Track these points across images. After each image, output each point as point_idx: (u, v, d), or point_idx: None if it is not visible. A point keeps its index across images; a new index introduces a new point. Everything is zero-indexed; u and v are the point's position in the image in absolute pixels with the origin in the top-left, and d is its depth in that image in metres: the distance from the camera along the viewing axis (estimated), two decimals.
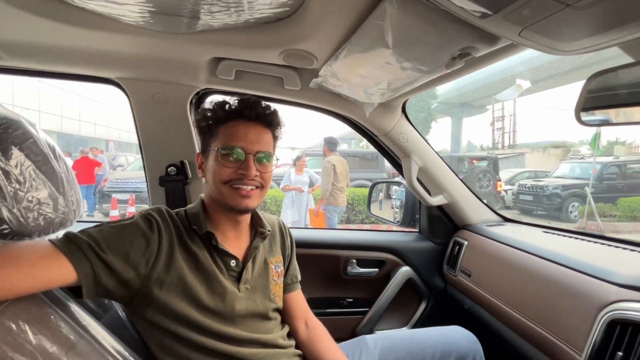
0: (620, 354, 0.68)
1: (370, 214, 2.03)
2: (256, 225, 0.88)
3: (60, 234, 0.65)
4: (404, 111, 1.36)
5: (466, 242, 1.38)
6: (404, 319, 1.56)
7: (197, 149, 1.29)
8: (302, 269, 1.01)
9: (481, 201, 1.53)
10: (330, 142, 4.62)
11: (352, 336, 1.06)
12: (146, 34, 0.91)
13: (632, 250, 0.96)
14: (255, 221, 0.88)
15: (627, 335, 0.68)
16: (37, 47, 0.98)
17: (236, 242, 0.83)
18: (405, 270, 1.50)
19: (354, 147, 19.67)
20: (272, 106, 0.83)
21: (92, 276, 0.62)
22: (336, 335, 0.95)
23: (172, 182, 1.30)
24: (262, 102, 0.81)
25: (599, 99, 0.68)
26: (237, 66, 1.11)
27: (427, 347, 0.96)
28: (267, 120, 0.81)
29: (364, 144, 17.57)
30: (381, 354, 0.94)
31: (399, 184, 1.81)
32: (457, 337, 1.01)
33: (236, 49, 1.01)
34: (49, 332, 0.55)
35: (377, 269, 1.51)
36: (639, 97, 0.65)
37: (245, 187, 0.76)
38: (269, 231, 0.88)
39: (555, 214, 8.68)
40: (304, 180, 4.95)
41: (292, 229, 1.01)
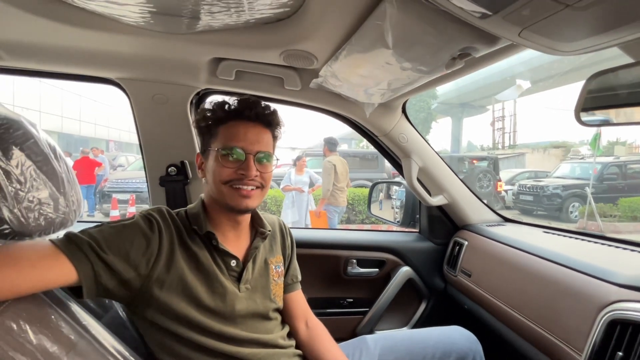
0: (620, 354, 0.68)
1: (370, 214, 2.03)
2: (256, 225, 0.88)
3: (60, 234, 0.65)
4: (404, 111, 1.36)
5: (466, 242, 1.38)
6: (404, 319, 1.56)
7: (198, 149, 1.29)
8: (303, 269, 1.01)
9: (481, 201, 1.52)
10: (330, 143, 4.62)
11: (353, 336, 1.06)
12: (146, 35, 0.91)
13: (633, 250, 0.96)
14: (255, 221, 0.88)
15: (627, 335, 0.68)
16: (38, 47, 0.98)
17: (236, 242, 0.83)
18: (405, 270, 1.50)
19: (354, 147, 19.68)
20: (272, 106, 0.83)
21: (93, 276, 0.62)
22: (336, 335, 0.95)
23: (172, 182, 1.30)
24: (262, 102, 0.81)
25: (598, 99, 0.67)
26: (237, 66, 1.11)
27: (427, 347, 0.96)
28: (266, 120, 0.81)
29: (364, 144, 17.57)
30: (381, 354, 0.94)
31: (399, 184, 1.81)
32: (457, 337, 1.01)
33: (236, 49, 1.01)
34: (49, 331, 0.55)
35: (377, 269, 1.51)
36: (639, 98, 0.65)
37: (245, 187, 0.76)
38: (270, 231, 0.88)
39: (555, 214, 8.67)
40: (304, 180, 4.95)
41: (292, 229, 1.01)
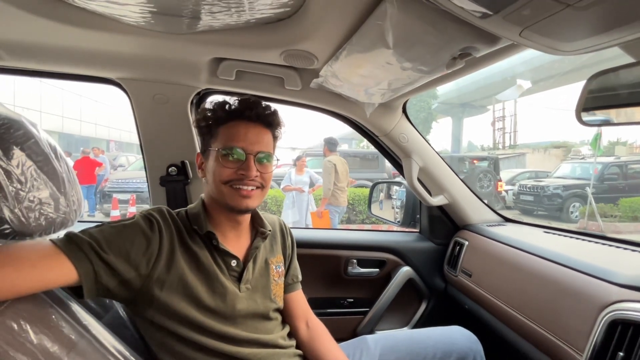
0: (621, 354, 0.67)
1: (370, 214, 2.03)
2: (257, 225, 0.88)
3: (61, 233, 0.65)
4: (404, 111, 1.36)
5: (467, 242, 1.38)
6: (405, 319, 1.56)
7: (198, 149, 1.29)
8: (303, 269, 1.01)
9: (482, 201, 1.52)
10: (330, 143, 4.63)
11: (353, 336, 1.06)
12: (147, 35, 0.91)
13: (633, 250, 0.96)
14: (256, 221, 0.88)
15: (628, 335, 0.68)
16: (38, 47, 0.98)
17: (237, 242, 0.83)
18: (405, 270, 1.50)
19: (354, 147, 19.66)
20: (272, 106, 0.83)
21: (93, 276, 0.62)
22: (337, 335, 0.95)
23: (172, 182, 1.30)
24: (262, 103, 0.81)
25: (599, 99, 0.67)
26: (237, 66, 1.11)
27: (428, 347, 0.96)
28: (267, 120, 0.81)
29: (364, 144, 17.57)
30: (382, 354, 0.94)
31: (400, 184, 1.80)
32: (458, 337, 1.00)
33: (237, 49, 1.01)
34: (50, 331, 0.55)
35: (378, 269, 1.51)
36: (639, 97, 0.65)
37: (245, 187, 0.76)
38: (270, 231, 0.88)
39: (556, 214, 8.67)
40: (304, 180, 4.95)
41: (292, 229, 1.01)
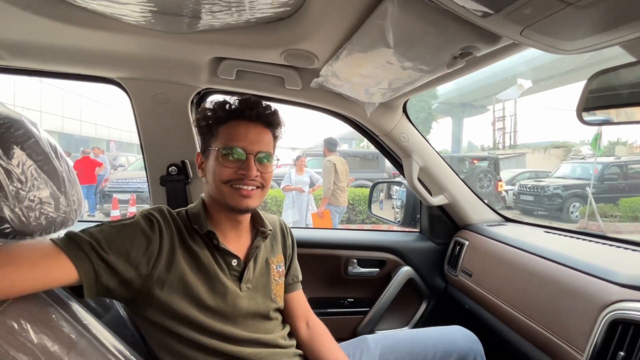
0: (621, 354, 0.67)
1: (371, 214, 2.03)
2: (257, 224, 0.88)
3: (61, 233, 0.65)
4: (404, 111, 1.35)
5: (467, 242, 1.38)
6: (405, 318, 1.56)
7: (198, 149, 1.29)
8: (303, 268, 1.01)
9: (482, 201, 1.52)
10: (329, 143, 4.63)
11: (353, 336, 1.06)
12: (147, 34, 0.91)
13: (634, 250, 0.96)
14: (256, 221, 0.88)
15: (628, 335, 0.68)
16: (39, 46, 0.98)
17: (237, 241, 0.83)
18: (406, 270, 1.49)
19: (354, 147, 19.67)
20: (273, 106, 0.83)
21: (93, 275, 0.62)
22: (337, 335, 0.95)
23: (173, 182, 1.30)
24: (263, 102, 0.81)
25: (600, 98, 0.67)
26: (238, 66, 1.11)
27: (428, 346, 0.96)
28: (267, 120, 0.81)
29: (364, 144, 17.57)
30: (382, 353, 0.94)
31: (400, 184, 1.80)
32: (458, 336, 1.00)
33: (237, 48, 1.01)
34: (50, 331, 0.55)
35: (378, 269, 1.51)
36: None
37: (245, 187, 0.76)
38: (270, 230, 0.88)
39: (556, 214, 8.66)
40: (304, 180, 4.95)
41: (293, 229, 1.01)
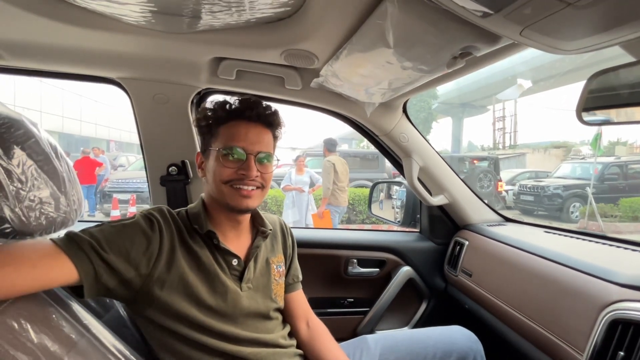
0: (621, 353, 0.67)
1: (371, 214, 2.03)
2: (257, 224, 0.88)
3: (61, 233, 0.65)
4: (404, 111, 1.35)
5: (467, 242, 1.38)
6: (405, 318, 1.56)
7: (198, 149, 1.29)
8: (303, 268, 1.01)
9: (482, 201, 1.52)
10: (329, 144, 4.64)
11: (353, 336, 1.06)
12: (147, 34, 0.91)
13: (634, 250, 0.96)
14: (256, 220, 0.89)
15: (628, 335, 0.68)
16: (39, 46, 0.98)
17: (237, 241, 0.83)
18: (406, 270, 1.49)
19: (354, 147, 19.67)
20: (273, 106, 0.83)
21: (93, 275, 0.62)
22: (337, 335, 0.95)
23: (173, 182, 1.30)
24: (263, 103, 0.81)
25: (600, 99, 0.67)
26: (238, 66, 1.11)
27: (428, 346, 0.96)
28: (268, 120, 0.81)
29: (364, 144, 17.57)
30: (382, 353, 0.94)
31: (400, 184, 1.80)
32: (458, 336, 1.00)
33: (237, 48, 1.01)
34: (50, 331, 0.55)
35: (378, 269, 1.51)
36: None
37: (246, 187, 0.76)
38: (271, 230, 0.88)
39: (556, 214, 8.66)
40: (304, 180, 4.96)
41: (293, 229, 1.01)
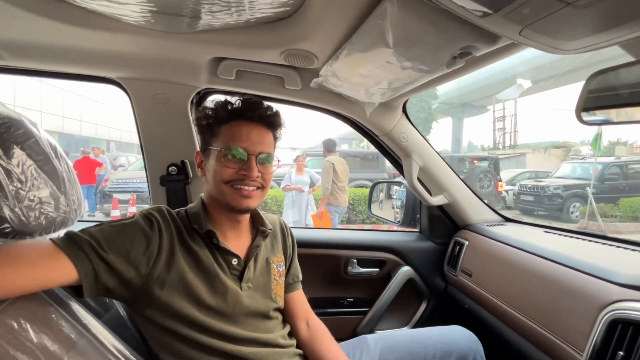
0: (621, 353, 0.67)
1: (371, 214, 2.03)
2: (257, 224, 0.88)
3: (61, 233, 0.65)
4: (404, 111, 1.36)
5: (467, 242, 1.38)
6: (405, 318, 1.56)
7: (198, 149, 1.29)
8: (303, 268, 1.01)
9: (482, 201, 1.52)
10: (328, 144, 4.65)
11: (353, 336, 1.06)
12: (147, 34, 0.91)
13: (634, 250, 0.96)
14: (256, 220, 0.89)
15: (628, 335, 0.68)
16: (39, 46, 0.98)
17: (237, 240, 0.83)
18: (405, 270, 1.49)
19: (354, 147, 19.67)
20: (274, 107, 0.83)
21: (93, 275, 0.62)
22: (337, 335, 0.95)
23: (173, 182, 1.30)
24: (264, 103, 0.82)
25: (599, 99, 0.67)
26: (237, 66, 1.11)
27: (428, 346, 0.96)
28: (269, 121, 0.81)
29: (364, 144, 17.57)
30: (382, 353, 0.94)
31: (400, 184, 1.80)
32: (458, 336, 1.00)
33: (237, 48, 1.01)
34: (50, 330, 0.55)
35: (378, 269, 1.51)
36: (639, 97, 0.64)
37: (246, 187, 0.77)
38: (270, 229, 0.88)
39: (556, 214, 8.66)
40: (304, 180, 4.96)
41: (293, 229, 1.01)
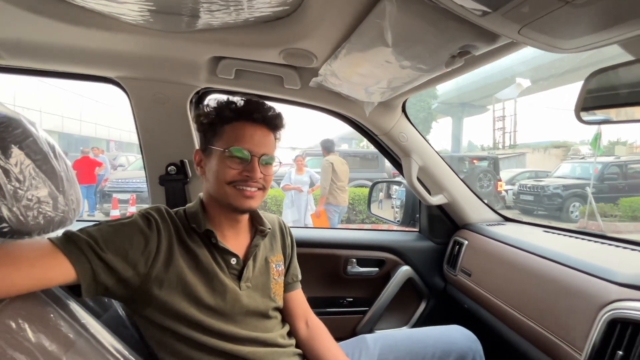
0: (620, 353, 0.67)
1: (370, 213, 2.03)
2: (256, 223, 0.88)
3: (59, 232, 0.65)
4: (404, 110, 1.35)
5: (466, 242, 1.38)
6: (404, 318, 1.56)
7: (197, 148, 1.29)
8: (302, 268, 1.01)
9: (481, 201, 1.52)
10: (326, 144, 4.65)
11: (352, 335, 1.06)
12: (146, 33, 0.91)
13: (633, 249, 0.96)
14: (255, 219, 0.88)
15: (627, 334, 0.68)
16: (38, 46, 0.98)
17: (235, 240, 0.83)
18: (405, 269, 1.49)
19: (354, 147, 19.66)
20: (277, 108, 0.83)
21: (91, 275, 0.62)
22: (336, 334, 0.95)
23: (172, 182, 1.30)
24: (267, 104, 0.82)
25: (598, 98, 0.67)
26: (237, 65, 1.11)
27: (427, 346, 0.96)
28: (273, 123, 0.81)
29: (364, 144, 17.57)
30: (381, 353, 0.94)
31: (399, 184, 1.80)
32: (457, 336, 1.00)
33: (236, 48, 1.01)
34: (48, 330, 0.55)
35: (377, 269, 1.51)
36: (639, 97, 0.64)
37: (249, 188, 0.77)
38: (269, 229, 0.88)
39: (556, 214, 8.66)
40: (304, 180, 4.96)
41: (292, 228, 1.01)
